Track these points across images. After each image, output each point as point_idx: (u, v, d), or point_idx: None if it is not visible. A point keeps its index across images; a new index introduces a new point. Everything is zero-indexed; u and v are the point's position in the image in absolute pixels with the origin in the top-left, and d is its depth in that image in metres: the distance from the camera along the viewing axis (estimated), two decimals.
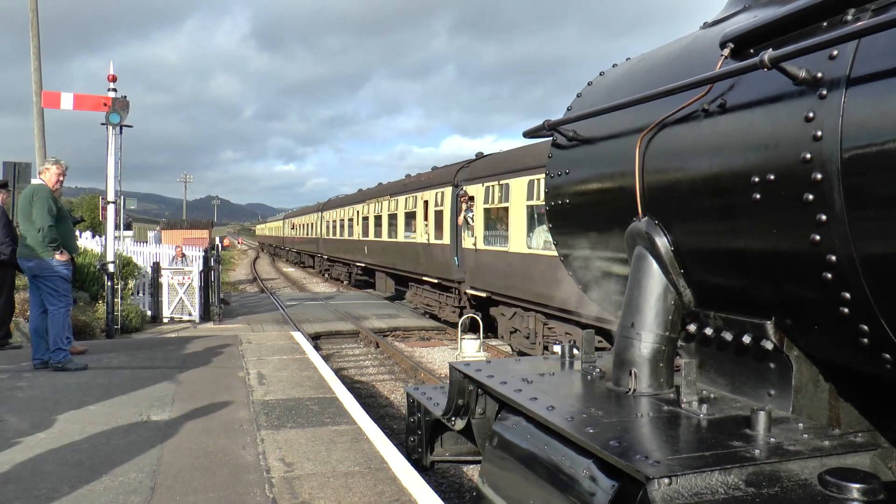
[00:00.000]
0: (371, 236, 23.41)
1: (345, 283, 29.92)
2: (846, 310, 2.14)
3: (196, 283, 15.38)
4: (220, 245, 17.92)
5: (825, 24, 2.28)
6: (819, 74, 2.13)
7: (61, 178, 7.50)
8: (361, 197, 25.98)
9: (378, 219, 22.68)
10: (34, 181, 7.69)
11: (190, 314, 15.52)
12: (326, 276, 34.70)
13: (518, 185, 11.78)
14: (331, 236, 32.14)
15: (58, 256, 7.11)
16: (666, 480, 2.03)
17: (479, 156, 15.27)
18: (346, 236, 28.55)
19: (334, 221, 31.40)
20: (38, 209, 7.03)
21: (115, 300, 12.00)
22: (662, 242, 2.97)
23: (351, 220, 27.29)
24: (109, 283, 11.91)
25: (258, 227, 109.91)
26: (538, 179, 10.53)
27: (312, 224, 38.48)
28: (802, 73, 2.14)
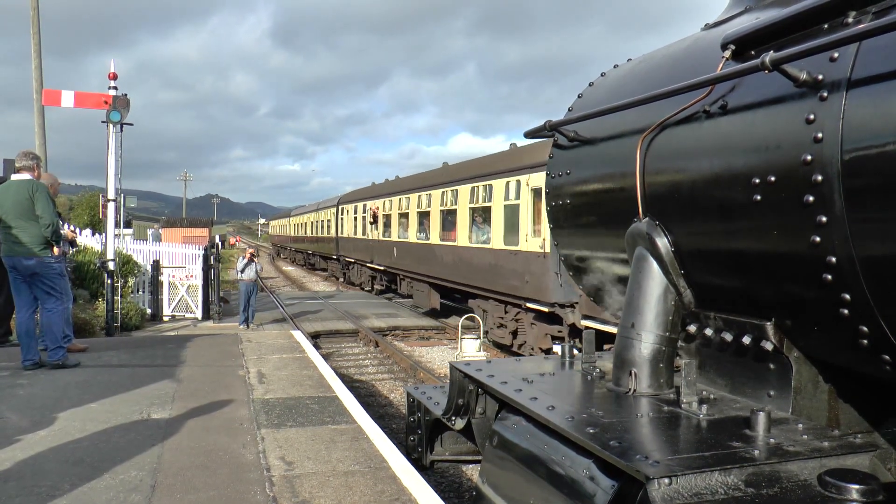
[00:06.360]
0: None
1: None
2: (846, 311, 2.15)
3: (199, 282, 15.45)
4: (219, 243, 17.99)
5: (826, 26, 2.28)
6: (820, 76, 2.13)
7: None
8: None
9: None
10: (17, 177, 7.07)
11: (192, 312, 15.56)
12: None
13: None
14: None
15: (55, 251, 7.10)
16: (666, 480, 2.04)
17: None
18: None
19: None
20: (44, 205, 6.89)
21: (115, 298, 12.01)
22: (663, 243, 2.97)
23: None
24: (109, 281, 11.92)
25: (273, 222, 78.44)
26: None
27: (469, 213, 14.75)
28: (803, 76, 2.15)
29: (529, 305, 11.71)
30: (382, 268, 22.76)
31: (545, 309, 11.14)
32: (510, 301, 12.56)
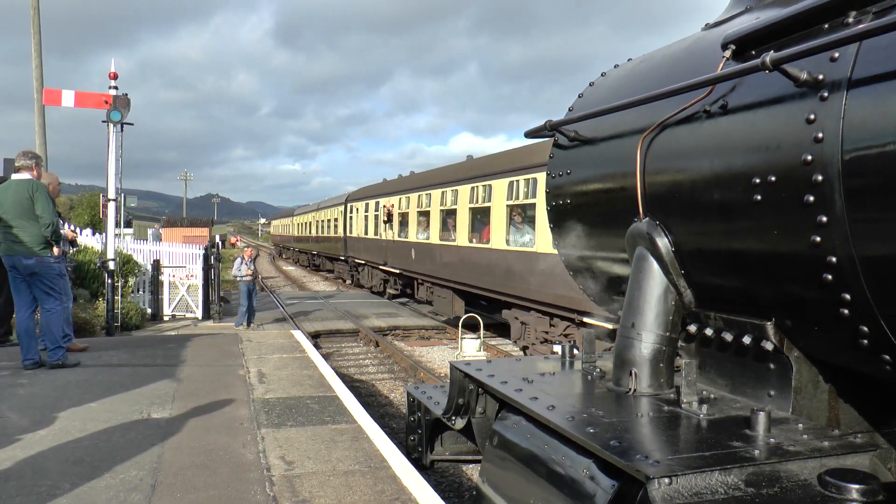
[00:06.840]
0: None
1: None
2: (846, 311, 2.15)
3: (199, 282, 15.45)
4: (220, 243, 17.97)
5: (826, 26, 2.28)
6: (820, 76, 2.13)
7: None
8: None
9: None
10: (17, 176, 7.08)
11: (192, 312, 15.55)
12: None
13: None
14: None
15: (55, 251, 7.11)
16: (666, 480, 2.04)
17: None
18: None
19: None
20: (44, 204, 6.90)
21: (116, 298, 12.01)
22: (663, 243, 2.98)
23: None
24: (109, 281, 11.92)
25: (274, 221, 75.09)
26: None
27: None
28: (804, 75, 2.15)
29: (586, 320, 9.98)
30: (397, 271, 20.08)
31: (609, 325, 9.43)
32: (558, 313, 10.95)
